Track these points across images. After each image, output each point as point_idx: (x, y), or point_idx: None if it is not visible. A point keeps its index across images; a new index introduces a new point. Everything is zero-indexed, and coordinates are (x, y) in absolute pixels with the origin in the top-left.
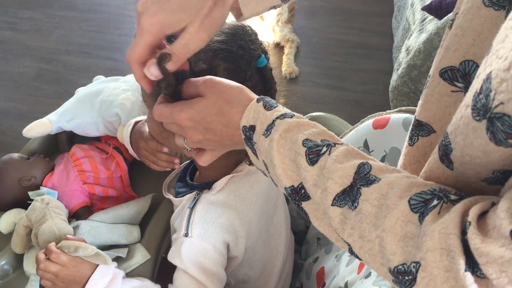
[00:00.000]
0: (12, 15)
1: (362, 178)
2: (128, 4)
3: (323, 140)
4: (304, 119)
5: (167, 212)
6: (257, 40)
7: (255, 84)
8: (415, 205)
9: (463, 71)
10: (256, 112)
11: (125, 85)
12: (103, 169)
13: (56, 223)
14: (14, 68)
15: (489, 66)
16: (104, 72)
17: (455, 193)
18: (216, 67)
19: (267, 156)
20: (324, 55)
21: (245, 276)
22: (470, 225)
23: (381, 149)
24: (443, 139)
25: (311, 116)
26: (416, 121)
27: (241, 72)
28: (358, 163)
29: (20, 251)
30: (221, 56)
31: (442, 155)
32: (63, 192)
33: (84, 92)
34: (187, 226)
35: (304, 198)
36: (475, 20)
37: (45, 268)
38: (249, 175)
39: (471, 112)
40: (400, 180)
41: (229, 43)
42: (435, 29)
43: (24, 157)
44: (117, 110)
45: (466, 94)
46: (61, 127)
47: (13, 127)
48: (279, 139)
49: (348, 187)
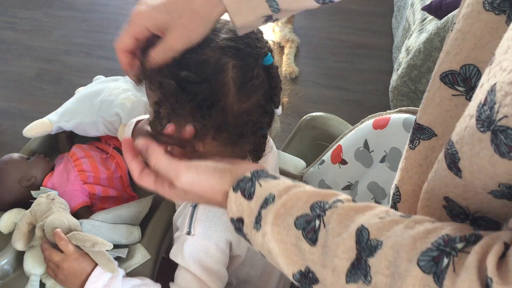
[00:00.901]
0: (12, 15)
1: (364, 248)
2: (128, 4)
3: (313, 208)
4: (286, 194)
5: (167, 213)
6: (263, 39)
7: (262, 82)
8: (425, 266)
9: (464, 75)
10: (238, 204)
11: (125, 85)
12: (103, 169)
13: (64, 215)
14: (14, 68)
15: (493, 78)
16: (104, 72)
17: (460, 239)
18: (225, 64)
19: (263, 248)
20: (324, 55)
21: (246, 276)
22: (492, 282)
23: (381, 149)
24: (449, 148)
25: (311, 116)
26: (417, 125)
27: (249, 70)
28: (355, 230)
29: (21, 247)
30: (230, 54)
31: (450, 163)
32: (63, 192)
33: (84, 92)
34: (190, 224)
35: (313, 281)
36: (476, 25)
37: (49, 256)
38: None
39: (475, 123)
40: (402, 240)
41: (236, 40)
42: (435, 29)
43: (24, 157)
44: (118, 109)
45: (470, 103)
46: (61, 127)
47: (13, 127)
48: (272, 230)
49: (355, 260)
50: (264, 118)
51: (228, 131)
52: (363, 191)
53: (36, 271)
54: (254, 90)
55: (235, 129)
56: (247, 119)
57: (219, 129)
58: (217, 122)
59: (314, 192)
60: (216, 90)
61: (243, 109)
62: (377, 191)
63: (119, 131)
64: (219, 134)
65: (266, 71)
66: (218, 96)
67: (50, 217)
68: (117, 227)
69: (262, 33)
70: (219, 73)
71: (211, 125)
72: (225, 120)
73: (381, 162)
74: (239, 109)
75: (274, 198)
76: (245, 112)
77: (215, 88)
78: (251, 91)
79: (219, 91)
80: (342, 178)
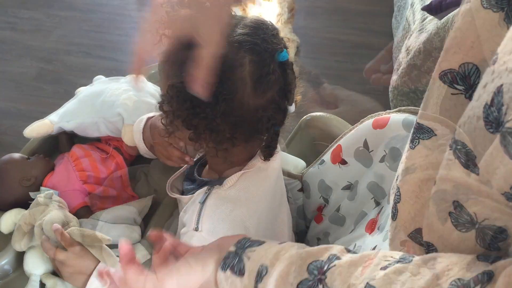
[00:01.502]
0: (12, 15)
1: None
2: (128, 4)
3: (311, 272)
4: (278, 261)
5: (168, 212)
6: (279, 35)
7: (278, 78)
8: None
9: (463, 73)
10: (230, 283)
11: (126, 85)
12: (103, 169)
13: (62, 212)
14: (14, 68)
15: (498, 78)
16: (104, 72)
17: (474, 283)
18: (242, 59)
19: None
20: (324, 55)
21: None
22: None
23: (381, 149)
24: (461, 147)
25: (311, 116)
26: (417, 124)
27: (265, 65)
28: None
29: (20, 248)
30: (247, 48)
31: (465, 161)
32: (63, 192)
33: (85, 93)
34: (198, 221)
35: None
36: (474, 22)
37: (53, 256)
38: (260, 172)
39: (484, 124)
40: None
41: (253, 36)
42: (435, 29)
43: (24, 157)
44: (119, 110)
45: (472, 103)
46: (62, 127)
47: (13, 127)
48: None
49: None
50: (278, 114)
51: (243, 126)
52: (363, 191)
53: (36, 271)
54: (270, 85)
55: (250, 124)
56: (262, 115)
57: (235, 125)
58: (234, 117)
59: (307, 253)
60: (233, 85)
61: (259, 105)
62: (377, 191)
63: (123, 131)
64: (235, 129)
65: (281, 67)
66: (235, 91)
67: (48, 215)
68: (117, 227)
69: (277, 30)
70: (236, 68)
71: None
72: (241, 115)
73: (380, 162)
74: (255, 104)
75: (267, 269)
76: (260, 108)
77: (232, 82)
78: (267, 86)
79: (236, 85)
80: (342, 178)
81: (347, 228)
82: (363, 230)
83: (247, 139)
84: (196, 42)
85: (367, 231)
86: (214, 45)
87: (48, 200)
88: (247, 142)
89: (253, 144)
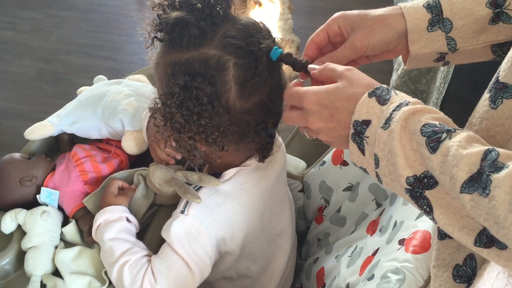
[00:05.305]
0: (12, 15)
1: (490, 166)
2: (128, 4)
3: (441, 124)
4: (420, 105)
5: (168, 213)
6: (270, 37)
7: (265, 81)
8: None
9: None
10: (370, 107)
11: (128, 89)
12: (105, 167)
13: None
14: (14, 68)
15: None
16: (104, 72)
17: None
18: (226, 62)
19: (385, 148)
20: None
21: (247, 271)
22: None
23: None
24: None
25: None
26: (500, 84)
27: (251, 68)
28: (484, 149)
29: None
30: (231, 52)
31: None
32: (64, 192)
33: (86, 95)
34: (186, 205)
35: (428, 186)
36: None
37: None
38: (257, 170)
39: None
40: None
41: (238, 38)
42: None
43: (25, 157)
44: (121, 116)
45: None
46: (63, 130)
47: (13, 127)
48: (400, 130)
49: (476, 174)
50: (269, 117)
51: (230, 130)
52: (364, 192)
53: (37, 272)
54: (256, 88)
55: (237, 128)
56: (249, 119)
57: (221, 129)
58: (220, 120)
59: (448, 120)
60: (218, 88)
61: (245, 108)
62: (378, 192)
63: (124, 138)
64: (222, 133)
65: (274, 68)
66: (219, 95)
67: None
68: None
69: (269, 31)
70: (219, 71)
71: (214, 123)
72: (227, 119)
73: None
74: (242, 108)
75: (408, 103)
76: (247, 111)
77: (216, 86)
78: (253, 89)
79: (220, 89)
80: (343, 179)
81: (347, 229)
82: (364, 231)
83: (237, 142)
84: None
85: (368, 232)
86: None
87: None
88: (237, 144)
89: (247, 147)
